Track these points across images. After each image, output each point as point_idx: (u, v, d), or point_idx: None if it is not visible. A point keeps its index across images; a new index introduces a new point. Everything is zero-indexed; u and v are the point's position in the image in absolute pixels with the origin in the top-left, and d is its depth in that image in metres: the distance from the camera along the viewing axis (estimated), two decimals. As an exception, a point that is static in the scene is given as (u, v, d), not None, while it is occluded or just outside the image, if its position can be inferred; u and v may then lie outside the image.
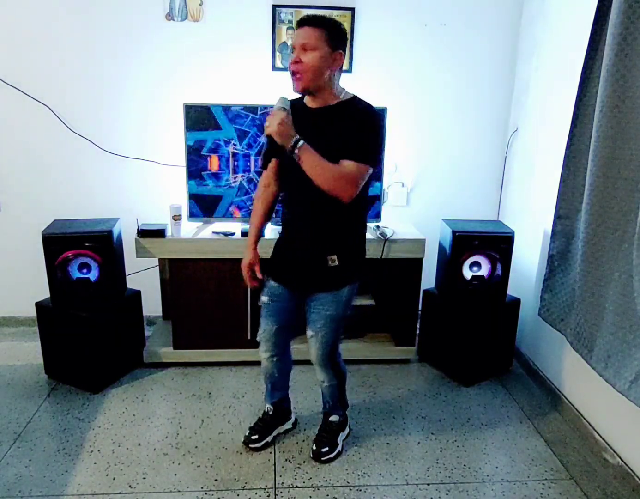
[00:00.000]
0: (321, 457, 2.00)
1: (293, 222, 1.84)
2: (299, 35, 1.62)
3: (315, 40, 1.60)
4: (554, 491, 1.90)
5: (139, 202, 2.87)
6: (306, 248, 1.78)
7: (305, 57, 1.60)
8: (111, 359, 2.47)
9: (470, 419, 2.30)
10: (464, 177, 3.01)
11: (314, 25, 1.61)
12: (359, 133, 1.62)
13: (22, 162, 2.79)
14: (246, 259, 1.91)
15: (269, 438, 2.10)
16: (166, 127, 2.77)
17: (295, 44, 1.62)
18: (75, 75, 2.70)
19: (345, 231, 1.78)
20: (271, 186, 1.89)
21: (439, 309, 2.66)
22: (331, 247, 1.76)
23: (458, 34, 2.79)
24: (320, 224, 1.76)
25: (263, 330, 1.96)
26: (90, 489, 1.84)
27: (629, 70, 1.74)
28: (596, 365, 1.93)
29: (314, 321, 1.83)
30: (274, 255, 1.91)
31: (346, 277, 1.80)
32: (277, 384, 2.09)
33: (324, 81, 1.64)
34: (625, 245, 1.80)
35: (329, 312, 1.80)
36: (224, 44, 2.71)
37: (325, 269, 1.77)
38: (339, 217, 1.74)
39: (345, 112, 1.67)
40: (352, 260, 1.81)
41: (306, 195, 1.71)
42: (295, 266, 1.83)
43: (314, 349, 1.88)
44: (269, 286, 1.90)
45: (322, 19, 1.63)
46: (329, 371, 1.94)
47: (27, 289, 2.83)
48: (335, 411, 2.07)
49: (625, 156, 1.79)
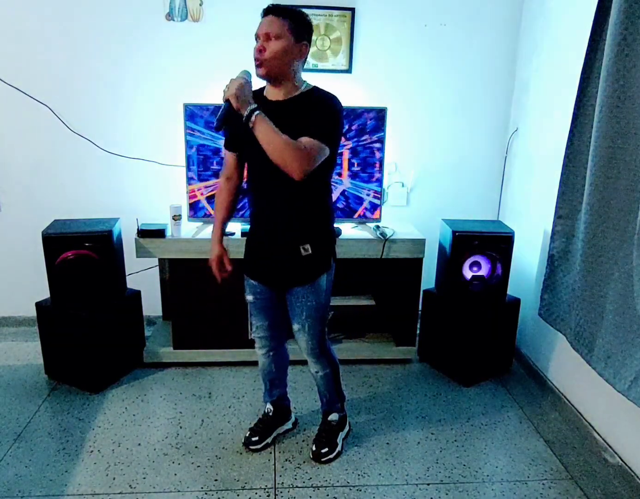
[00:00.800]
0: (321, 458, 2.00)
1: (261, 216, 1.81)
2: (264, 23, 1.61)
3: (279, 29, 1.59)
4: (554, 491, 1.90)
5: (139, 202, 2.87)
6: (278, 240, 1.77)
7: (269, 46, 1.59)
8: (111, 359, 2.47)
9: (470, 419, 2.30)
10: (464, 177, 3.01)
11: (278, 15, 1.60)
12: (317, 114, 1.62)
13: (22, 162, 2.79)
14: (214, 253, 1.91)
15: (269, 439, 2.10)
16: (166, 127, 2.77)
17: (259, 33, 1.61)
18: (75, 75, 2.70)
19: (314, 219, 1.77)
20: (233, 179, 1.88)
21: (439, 309, 2.66)
22: (302, 236, 1.75)
23: (458, 34, 2.79)
24: (289, 215, 1.74)
25: (255, 327, 1.98)
26: (90, 489, 1.84)
27: (629, 70, 1.74)
28: (596, 365, 1.93)
29: (298, 315, 1.84)
30: (247, 253, 1.90)
31: (321, 265, 1.80)
32: (275, 380, 2.09)
33: (286, 71, 1.64)
34: (625, 245, 1.80)
35: (309, 303, 1.81)
36: (224, 44, 2.71)
37: (300, 260, 1.76)
38: (306, 206, 1.74)
39: (304, 103, 1.67)
40: (324, 247, 1.81)
41: (269, 185, 1.72)
42: (269, 261, 1.82)
43: (302, 341, 1.89)
44: (250, 284, 1.91)
45: (286, 8, 1.62)
46: (321, 360, 1.95)
47: (27, 289, 2.83)
48: (333, 405, 2.07)
49: (625, 156, 1.79)
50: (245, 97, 1.55)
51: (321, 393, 2.06)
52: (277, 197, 1.73)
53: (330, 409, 2.08)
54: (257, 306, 1.93)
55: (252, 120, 1.53)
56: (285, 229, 1.75)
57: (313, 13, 2.67)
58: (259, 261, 1.85)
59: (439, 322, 2.66)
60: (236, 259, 1.87)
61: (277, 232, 1.77)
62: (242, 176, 1.88)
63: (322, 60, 2.74)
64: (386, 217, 2.78)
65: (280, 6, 1.62)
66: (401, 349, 2.74)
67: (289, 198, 1.71)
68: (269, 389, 2.11)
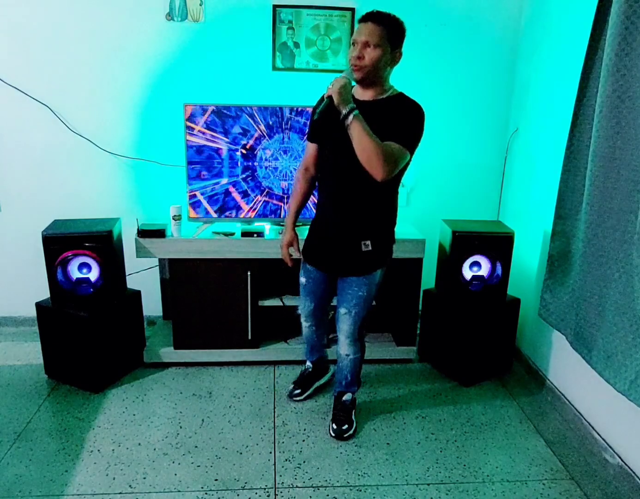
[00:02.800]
0: (343, 434, 2.10)
1: (328, 208, 1.92)
2: (363, 30, 1.67)
3: (378, 38, 1.67)
4: (554, 491, 1.90)
5: (139, 202, 2.87)
6: (340, 233, 1.88)
7: (367, 53, 1.68)
8: (111, 359, 2.47)
9: (470, 419, 2.30)
10: (464, 177, 3.01)
11: (378, 23, 1.67)
12: (405, 121, 1.72)
13: (22, 162, 2.79)
14: (286, 238, 2.07)
15: (310, 391, 2.37)
16: (166, 127, 2.77)
17: (357, 39, 1.68)
18: (75, 75, 2.70)
19: (379, 217, 1.88)
20: (309, 170, 2.00)
21: (439, 309, 2.66)
22: (365, 232, 1.86)
23: (458, 34, 2.79)
24: (356, 211, 1.84)
25: (303, 306, 2.16)
26: (90, 489, 1.84)
27: (629, 70, 1.74)
28: (596, 365, 1.93)
29: (348, 301, 1.95)
30: (309, 239, 2.03)
31: (378, 261, 1.91)
32: (315, 346, 2.32)
33: (380, 76, 1.74)
34: (625, 245, 1.80)
35: (361, 293, 1.93)
36: (224, 44, 2.71)
37: (359, 254, 1.86)
38: (373, 203, 1.83)
39: (393, 106, 1.76)
40: (384, 245, 1.92)
41: (342, 180, 1.81)
42: (330, 250, 1.93)
43: (346, 325, 2.01)
44: (305, 268, 2.06)
45: (386, 16, 1.69)
46: (356, 344, 2.07)
47: (27, 289, 2.83)
48: (350, 388, 2.18)
49: (625, 156, 1.79)
50: (346, 97, 1.65)
51: (343, 375, 2.15)
52: (346, 192, 1.82)
53: (346, 390, 2.18)
54: (307, 289, 2.09)
55: (349, 119, 1.63)
56: (350, 224, 1.86)
57: (313, 13, 2.68)
58: (320, 249, 1.97)
59: (439, 322, 2.66)
60: (235, 260, 1.88)
61: (342, 226, 1.87)
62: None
63: (322, 60, 2.74)
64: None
65: (382, 14, 1.69)
66: (401, 349, 2.74)
67: (358, 195, 1.81)
68: (309, 351, 2.36)
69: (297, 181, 2.05)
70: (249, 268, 2.51)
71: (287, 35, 2.70)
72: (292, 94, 2.69)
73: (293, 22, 2.68)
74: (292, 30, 2.70)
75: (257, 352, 2.67)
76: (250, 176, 2.60)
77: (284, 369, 2.65)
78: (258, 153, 2.57)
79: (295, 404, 2.36)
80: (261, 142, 2.55)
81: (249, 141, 2.55)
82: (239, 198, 2.62)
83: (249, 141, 2.55)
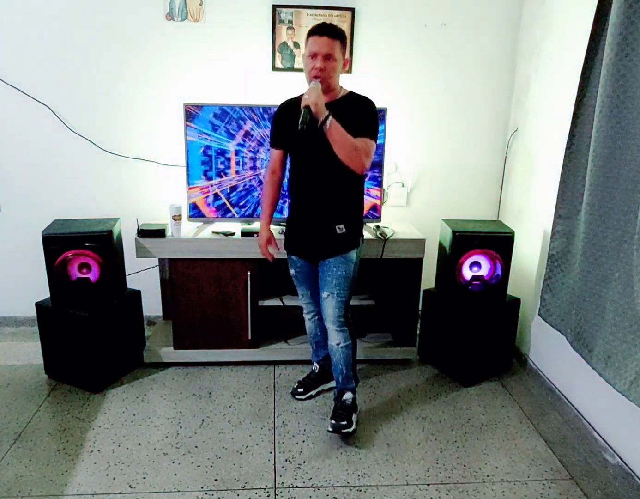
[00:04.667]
0: (341, 429, 2.09)
1: (301, 204, 2.11)
2: (322, 44, 1.87)
3: (337, 51, 1.91)
4: (554, 491, 1.90)
5: (139, 202, 2.87)
6: (317, 221, 2.06)
7: (329, 64, 1.90)
8: (111, 359, 2.47)
9: (470, 419, 2.30)
10: (464, 177, 3.01)
11: (333, 37, 1.89)
12: (365, 116, 1.95)
13: (22, 162, 2.79)
14: (262, 238, 2.23)
15: (313, 392, 2.42)
16: (166, 127, 2.77)
17: (318, 52, 1.88)
18: (75, 75, 2.70)
19: (349, 203, 2.07)
20: (277, 173, 2.18)
21: (439, 309, 2.66)
22: (338, 218, 2.04)
23: (458, 34, 2.79)
24: (329, 199, 2.03)
25: (301, 296, 2.29)
26: (90, 489, 1.84)
27: (629, 70, 1.74)
28: (596, 365, 1.93)
29: (329, 283, 2.07)
30: (288, 233, 2.21)
31: (352, 242, 2.07)
32: (320, 342, 2.38)
33: (337, 82, 1.98)
34: (625, 245, 1.80)
35: (339, 272, 2.05)
36: (224, 44, 2.71)
37: (335, 237, 2.04)
38: (345, 192, 2.03)
39: (349, 104, 1.98)
40: (355, 227, 2.08)
41: (315, 175, 2.01)
42: (308, 238, 2.10)
43: (330, 308, 2.10)
44: (291, 259, 2.21)
45: (338, 29, 1.93)
46: (344, 330, 2.13)
47: (27, 289, 2.83)
48: (348, 384, 2.20)
49: (625, 156, 1.79)
50: (322, 105, 1.83)
51: (339, 369, 2.18)
52: (320, 185, 2.02)
53: (345, 387, 2.20)
54: (299, 278, 2.23)
55: (327, 123, 1.82)
56: (325, 212, 2.04)
57: (313, 13, 2.68)
58: (299, 239, 2.15)
59: (439, 322, 2.66)
60: (235, 260, 1.88)
61: (318, 214, 2.05)
62: (285, 170, 2.20)
63: (322, 60, 2.73)
64: (386, 217, 2.78)
65: (333, 27, 1.91)
66: (401, 349, 2.74)
67: (331, 186, 2.01)
68: (315, 350, 2.43)
69: (266, 184, 2.21)
70: (249, 268, 2.51)
71: (287, 35, 2.70)
72: (292, 94, 2.69)
73: (293, 22, 2.68)
74: (292, 30, 2.70)
75: (257, 352, 2.67)
76: (250, 176, 2.60)
77: (284, 369, 2.65)
78: (258, 153, 2.57)
79: (295, 404, 2.35)
80: (261, 142, 2.55)
81: (249, 141, 2.55)
82: (239, 198, 2.62)
83: (249, 140, 2.55)
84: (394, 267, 2.70)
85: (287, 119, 2.01)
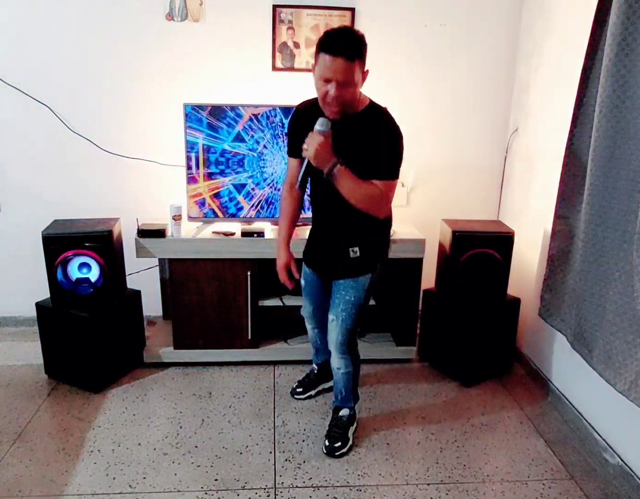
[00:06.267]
0: (335, 452, 2.03)
1: (321, 222, 1.99)
2: (338, 70, 1.55)
3: (355, 75, 1.59)
4: (554, 491, 1.90)
5: (139, 202, 2.86)
6: (330, 241, 1.95)
7: (346, 91, 1.61)
8: (111, 359, 2.47)
9: (470, 419, 2.30)
10: (464, 177, 3.01)
11: (350, 59, 1.56)
12: (387, 153, 1.71)
13: (22, 162, 2.79)
14: (281, 260, 2.03)
15: (313, 392, 2.40)
16: (166, 127, 2.77)
17: (332, 78, 1.57)
18: (76, 76, 2.70)
19: (367, 227, 1.88)
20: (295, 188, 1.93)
21: (439, 309, 2.66)
22: (353, 241, 1.90)
23: (458, 34, 2.79)
24: (344, 221, 1.88)
25: (304, 308, 2.23)
26: (90, 489, 1.84)
27: (629, 70, 1.74)
28: (596, 365, 1.93)
29: (336, 306, 1.96)
30: (307, 245, 2.10)
31: (366, 266, 1.93)
32: (320, 349, 2.34)
33: (356, 100, 1.71)
34: (625, 245, 1.80)
35: (348, 297, 1.93)
36: (224, 44, 2.71)
37: (347, 259, 1.91)
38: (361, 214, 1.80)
39: (369, 121, 1.73)
40: (372, 252, 1.94)
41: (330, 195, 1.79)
42: (323, 255, 2.01)
43: (334, 334, 1.98)
44: (304, 271, 2.12)
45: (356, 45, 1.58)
46: (346, 358, 2.02)
47: (27, 289, 2.83)
48: (346, 403, 2.13)
49: (625, 156, 1.79)
50: (325, 155, 1.65)
51: (338, 389, 2.12)
52: (335, 206, 1.83)
53: (343, 405, 2.13)
54: (307, 291, 2.15)
55: (333, 174, 1.66)
56: (339, 234, 1.91)
57: (313, 13, 2.68)
58: (315, 252, 2.05)
59: (439, 322, 2.66)
60: (235, 260, 1.88)
61: (332, 234, 1.94)
62: (305, 184, 1.87)
63: (322, 60, 2.73)
64: (386, 217, 2.77)
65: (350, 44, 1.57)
66: (401, 349, 2.74)
67: (346, 208, 1.78)
68: (315, 354, 2.40)
69: (284, 200, 2.02)
70: (249, 268, 2.51)
71: (287, 35, 2.70)
72: (292, 93, 2.69)
73: (293, 22, 2.68)
74: (292, 30, 2.70)
75: (257, 352, 2.67)
76: (250, 176, 2.60)
77: (284, 369, 2.65)
78: (258, 153, 2.57)
79: (295, 404, 2.36)
80: (261, 142, 2.55)
81: (249, 141, 2.55)
82: (239, 198, 2.62)
83: (248, 140, 2.55)
84: (394, 267, 2.69)
85: (303, 124, 1.76)
